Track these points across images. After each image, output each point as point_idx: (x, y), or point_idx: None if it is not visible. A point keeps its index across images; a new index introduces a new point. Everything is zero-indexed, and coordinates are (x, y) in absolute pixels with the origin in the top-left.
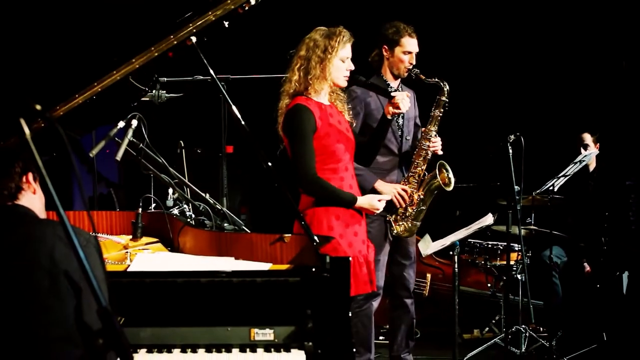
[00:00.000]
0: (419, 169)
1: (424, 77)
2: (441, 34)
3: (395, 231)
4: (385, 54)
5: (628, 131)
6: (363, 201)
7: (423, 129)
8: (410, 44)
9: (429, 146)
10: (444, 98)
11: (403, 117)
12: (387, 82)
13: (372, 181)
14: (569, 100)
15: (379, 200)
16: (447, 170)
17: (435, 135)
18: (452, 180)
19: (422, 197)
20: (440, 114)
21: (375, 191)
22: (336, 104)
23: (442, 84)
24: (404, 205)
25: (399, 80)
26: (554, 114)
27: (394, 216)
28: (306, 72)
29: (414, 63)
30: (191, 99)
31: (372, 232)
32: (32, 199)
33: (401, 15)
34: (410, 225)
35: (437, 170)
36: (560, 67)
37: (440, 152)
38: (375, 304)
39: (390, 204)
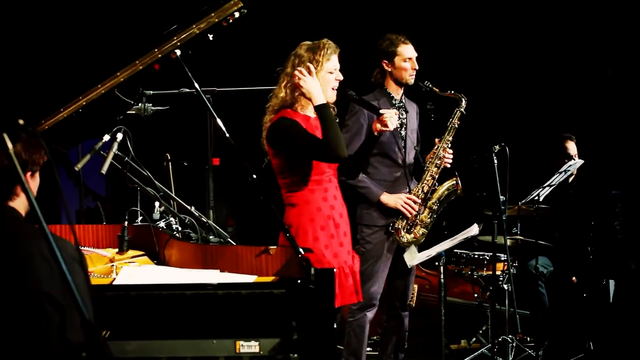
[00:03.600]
0: (432, 177)
1: (437, 90)
2: (424, 43)
3: (405, 239)
4: (387, 68)
5: (613, 140)
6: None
7: (438, 139)
8: (408, 50)
9: (444, 156)
10: (462, 109)
11: (406, 128)
12: (390, 95)
13: (379, 193)
14: (553, 110)
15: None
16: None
17: (450, 147)
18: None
19: (436, 205)
20: (457, 126)
21: (381, 204)
22: None
23: (459, 97)
24: (413, 214)
25: (403, 91)
26: (538, 123)
27: (401, 224)
28: (293, 89)
29: (417, 68)
30: (177, 111)
31: (372, 242)
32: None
33: (385, 27)
34: (420, 233)
35: (457, 179)
36: (544, 76)
37: (448, 165)
38: (370, 314)
39: (394, 213)
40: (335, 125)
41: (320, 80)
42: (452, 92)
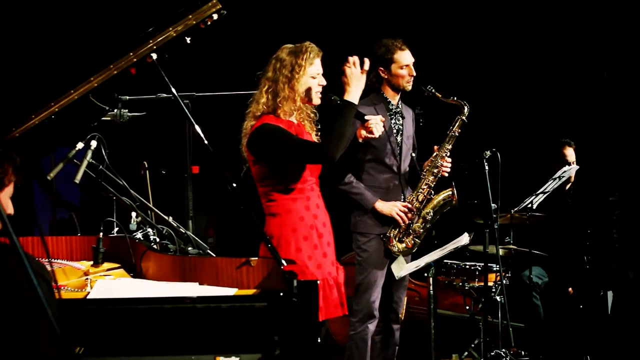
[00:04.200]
0: (427, 186)
1: (440, 96)
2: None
3: (396, 248)
4: (383, 75)
5: (610, 145)
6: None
7: (437, 147)
8: (404, 57)
9: (442, 164)
10: (463, 117)
11: (402, 135)
12: (387, 99)
13: (373, 201)
14: (546, 113)
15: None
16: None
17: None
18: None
19: (431, 215)
20: (457, 134)
21: (375, 211)
22: (304, 124)
23: (462, 104)
24: (407, 222)
25: (399, 96)
26: (531, 127)
27: (394, 232)
28: (275, 94)
29: (414, 74)
30: (154, 118)
31: (368, 250)
32: None
33: (377, 31)
34: (412, 243)
35: (453, 188)
36: (537, 77)
37: (446, 174)
38: (372, 326)
39: (389, 220)
40: (348, 129)
41: (303, 85)
42: (455, 98)
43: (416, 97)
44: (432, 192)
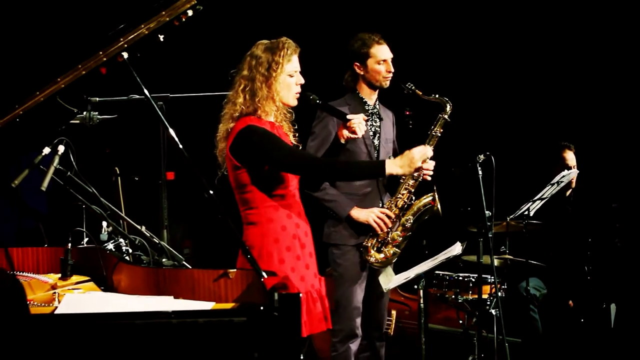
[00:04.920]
0: (407, 191)
1: (421, 93)
2: (404, 45)
3: (373, 259)
4: (359, 70)
5: (612, 148)
6: (397, 161)
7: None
8: (382, 51)
9: (422, 167)
10: (445, 116)
11: (379, 137)
12: (363, 99)
13: (348, 208)
14: (545, 114)
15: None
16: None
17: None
18: (439, 208)
19: (410, 222)
20: (439, 135)
21: (350, 219)
22: (282, 125)
23: (444, 102)
24: (385, 230)
25: (377, 95)
26: (528, 129)
27: (371, 242)
28: (252, 94)
29: (392, 70)
30: (126, 120)
31: (345, 264)
32: None
33: (356, 27)
34: (391, 252)
35: (435, 194)
36: (534, 75)
37: (428, 178)
38: (354, 346)
39: (366, 230)
40: (358, 178)
41: (281, 84)
42: (437, 96)
43: (397, 97)
44: (413, 197)
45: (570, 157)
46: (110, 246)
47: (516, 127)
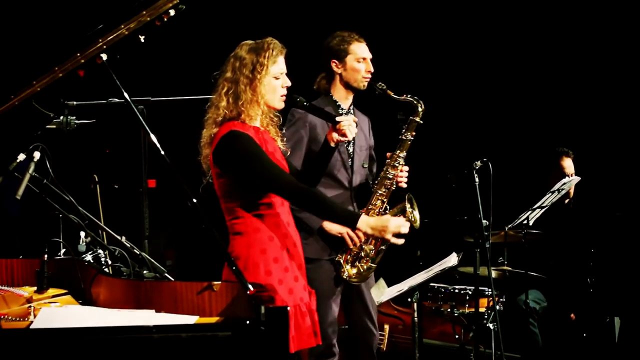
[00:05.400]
0: (380, 201)
1: (392, 94)
2: (397, 48)
3: (346, 274)
4: (336, 69)
5: (612, 154)
6: (371, 222)
7: (389, 154)
8: (362, 49)
9: (395, 175)
10: (417, 119)
11: (354, 145)
12: (337, 103)
13: (320, 219)
14: (543, 119)
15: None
16: (412, 207)
17: (403, 164)
18: (418, 218)
19: None
20: (412, 138)
21: (323, 231)
22: (268, 129)
23: (416, 102)
24: (357, 244)
25: (352, 99)
26: (526, 135)
27: (344, 257)
28: (236, 97)
29: (372, 70)
30: (106, 125)
31: (318, 279)
32: None
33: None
34: (365, 267)
35: (406, 203)
36: (532, 80)
37: (404, 185)
38: None
39: (339, 243)
40: (324, 217)
41: (266, 87)
42: (408, 96)
43: (369, 99)
44: (387, 207)
45: (568, 164)
46: (89, 257)
47: (514, 132)
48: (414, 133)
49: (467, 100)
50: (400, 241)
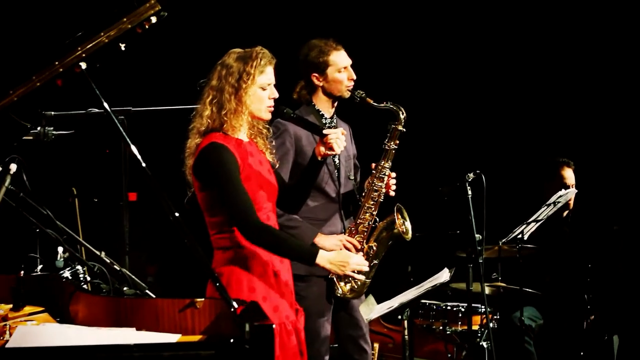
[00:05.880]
0: (369, 214)
1: (371, 101)
2: (385, 54)
3: (340, 291)
4: (317, 82)
5: (613, 166)
6: (331, 257)
7: (374, 164)
8: (341, 57)
9: (381, 186)
10: (400, 127)
11: (339, 156)
12: (320, 112)
13: (312, 235)
14: (540, 128)
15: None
16: (403, 217)
17: (389, 174)
18: (409, 229)
19: (374, 248)
20: (396, 147)
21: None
22: (256, 141)
23: (396, 109)
24: None
25: (335, 108)
26: (522, 144)
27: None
28: (220, 106)
29: (354, 77)
30: (85, 136)
31: (310, 297)
32: None
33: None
34: (359, 284)
35: (395, 214)
36: (529, 86)
37: (392, 194)
38: None
39: None
40: (286, 253)
41: (251, 97)
42: (389, 103)
43: (348, 106)
44: (377, 219)
45: (569, 174)
46: (67, 274)
47: (509, 143)
48: (397, 141)
49: (458, 110)
50: (361, 277)
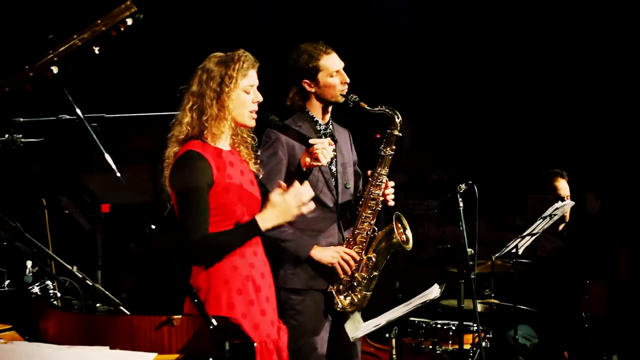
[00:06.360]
0: (367, 224)
1: (365, 106)
2: (378, 62)
3: (340, 305)
4: (309, 88)
5: (611, 177)
6: (269, 212)
7: (370, 172)
8: (333, 61)
9: (378, 194)
10: (396, 132)
11: (336, 163)
12: (314, 119)
13: (308, 247)
14: (534, 138)
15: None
16: (403, 226)
17: (386, 182)
18: (410, 237)
19: (373, 260)
20: (392, 153)
21: (312, 260)
22: (240, 150)
23: (391, 113)
24: (349, 272)
25: (330, 113)
26: (515, 156)
27: (336, 287)
28: (200, 112)
29: (347, 80)
30: (56, 144)
31: (306, 312)
32: None
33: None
34: (359, 297)
35: (394, 223)
36: (523, 95)
37: (391, 203)
38: None
39: (330, 271)
40: (235, 246)
41: (234, 101)
42: (383, 107)
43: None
44: (375, 228)
45: (562, 186)
46: (36, 289)
47: (502, 153)
48: (393, 147)
49: (450, 119)
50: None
